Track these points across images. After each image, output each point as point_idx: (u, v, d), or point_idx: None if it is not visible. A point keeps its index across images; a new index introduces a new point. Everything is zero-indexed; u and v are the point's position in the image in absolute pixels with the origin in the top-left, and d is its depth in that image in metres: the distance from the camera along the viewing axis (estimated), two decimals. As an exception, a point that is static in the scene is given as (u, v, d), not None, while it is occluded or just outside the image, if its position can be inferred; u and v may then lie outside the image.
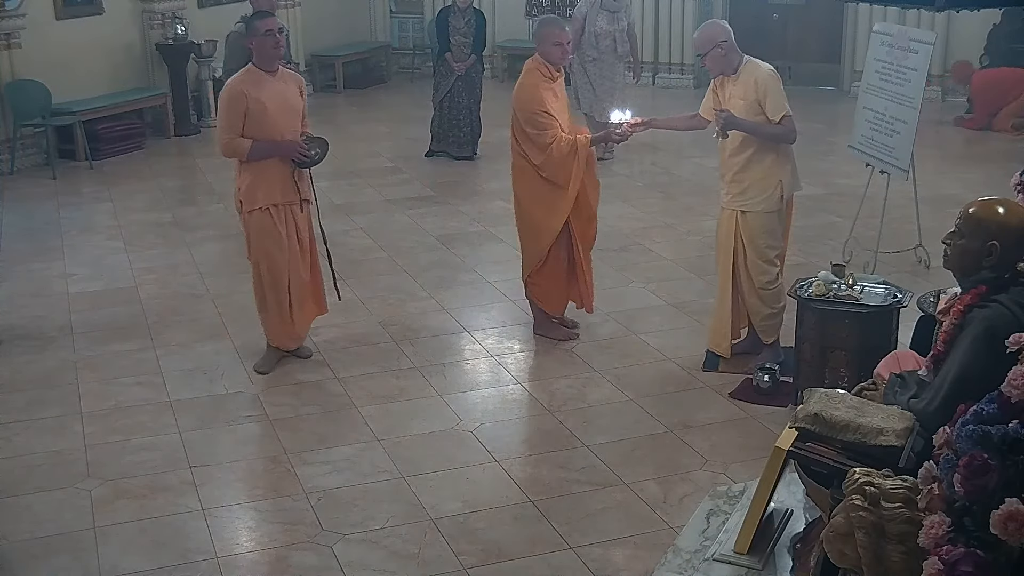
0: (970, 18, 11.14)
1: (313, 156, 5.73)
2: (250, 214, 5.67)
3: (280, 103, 5.63)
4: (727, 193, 5.60)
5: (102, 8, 11.33)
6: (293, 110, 5.71)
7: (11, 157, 10.30)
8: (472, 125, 10.55)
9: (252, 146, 5.56)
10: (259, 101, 5.54)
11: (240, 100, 5.53)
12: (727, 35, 5.50)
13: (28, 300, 7.00)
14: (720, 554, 3.23)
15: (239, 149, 5.58)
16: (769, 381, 5.49)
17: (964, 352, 3.08)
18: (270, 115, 5.57)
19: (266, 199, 5.65)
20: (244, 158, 5.61)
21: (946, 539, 2.35)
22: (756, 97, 5.42)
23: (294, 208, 5.75)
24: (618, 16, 10.21)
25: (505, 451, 5.00)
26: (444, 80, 10.46)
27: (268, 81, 5.61)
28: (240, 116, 5.53)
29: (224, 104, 5.60)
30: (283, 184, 5.69)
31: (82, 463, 4.94)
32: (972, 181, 9.37)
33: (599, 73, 10.27)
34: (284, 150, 5.64)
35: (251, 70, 5.64)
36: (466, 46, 10.35)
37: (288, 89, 5.72)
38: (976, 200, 3.26)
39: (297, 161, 5.68)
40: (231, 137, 5.57)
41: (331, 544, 4.29)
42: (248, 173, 5.66)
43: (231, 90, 5.58)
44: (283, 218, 5.71)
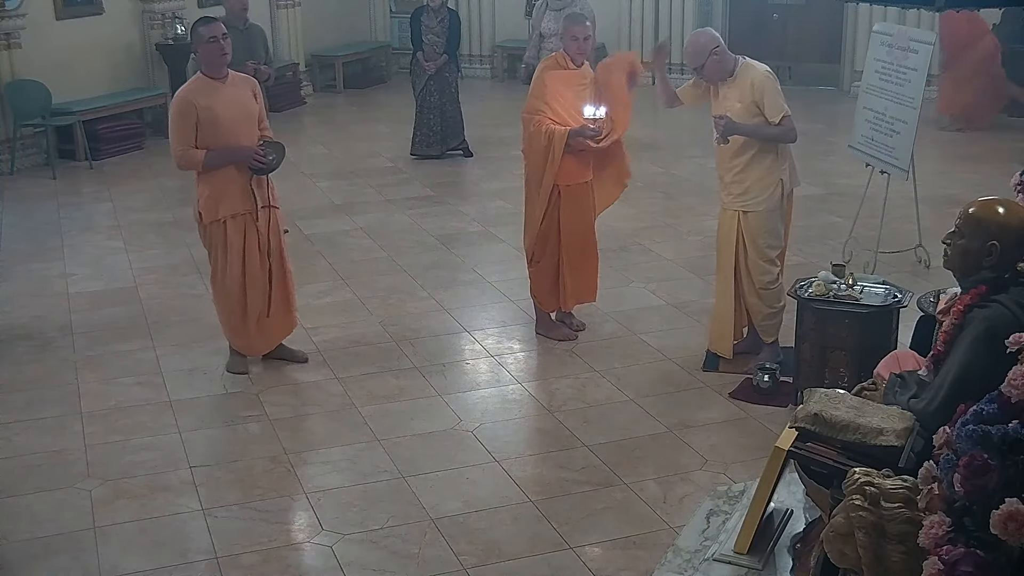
0: (970, 18, 11.12)
1: (270, 162, 5.63)
2: (209, 225, 5.60)
3: (233, 110, 5.54)
4: (728, 194, 5.60)
5: (102, 8, 11.33)
6: (248, 115, 5.62)
7: (11, 157, 10.30)
8: (444, 124, 10.53)
9: (206, 156, 5.48)
10: (209, 110, 5.45)
11: (190, 110, 5.44)
12: (717, 40, 5.49)
13: (28, 300, 7.00)
14: (720, 554, 3.22)
15: (193, 160, 5.50)
16: (769, 381, 5.49)
17: (964, 352, 3.08)
18: (223, 123, 5.48)
19: (226, 209, 5.57)
20: (200, 169, 5.53)
21: (946, 539, 2.35)
22: (753, 99, 5.41)
23: (253, 216, 5.64)
24: (562, 14, 10.07)
25: (505, 451, 5.00)
26: (418, 80, 10.47)
27: (218, 88, 5.53)
28: (191, 127, 5.45)
29: (173, 116, 5.51)
30: (242, 193, 5.60)
31: (82, 463, 4.94)
32: (972, 181, 9.37)
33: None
34: (239, 156, 5.54)
35: (200, 78, 5.57)
36: (438, 45, 10.33)
37: (241, 94, 5.63)
38: (976, 200, 3.26)
39: (253, 167, 5.59)
40: (184, 149, 5.48)
41: (331, 544, 4.29)
42: (206, 184, 5.56)
43: (179, 101, 5.50)
44: (241, 228, 5.63)
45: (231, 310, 5.75)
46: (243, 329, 5.79)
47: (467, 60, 14.91)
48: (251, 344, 5.86)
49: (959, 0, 5.25)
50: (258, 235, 5.68)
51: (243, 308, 5.74)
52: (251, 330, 5.80)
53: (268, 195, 5.73)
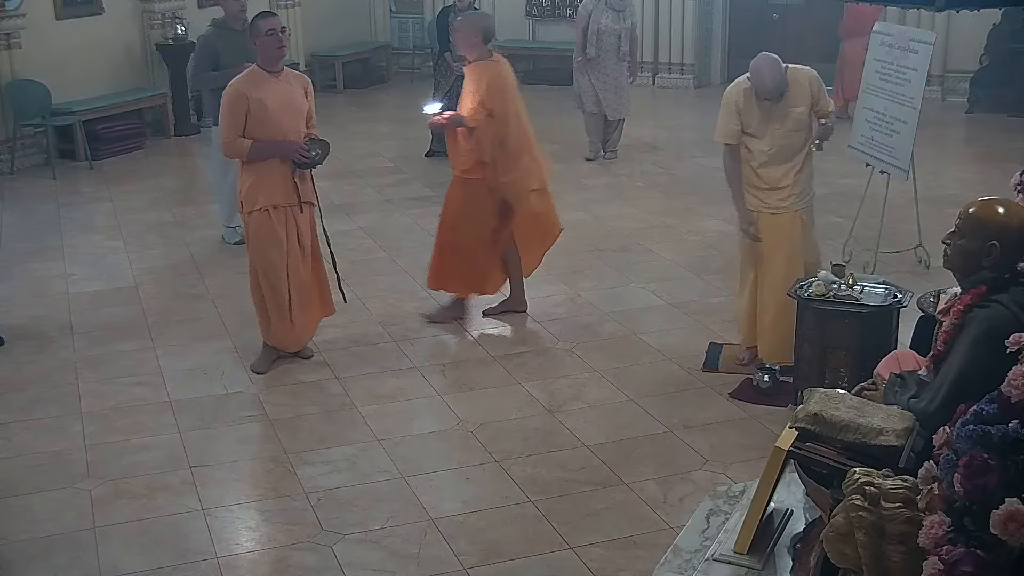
0: (970, 18, 11.12)
1: (313, 157, 5.71)
2: (250, 214, 5.66)
3: (282, 104, 5.61)
4: (788, 195, 5.49)
5: (102, 8, 11.33)
6: (296, 111, 5.69)
7: (11, 157, 10.30)
8: None
9: (252, 147, 5.55)
10: (260, 102, 5.52)
11: (241, 101, 5.52)
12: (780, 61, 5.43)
13: (28, 300, 7.00)
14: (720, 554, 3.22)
15: (239, 149, 5.58)
16: (769, 381, 5.49)
17: (964, 352, 3.08)
18: (272, 116, 5.55)
19: (266, 200, 5.63)
20: (245, 158, 5.61)
21: (946, 539, 2.35)
22: (811, 99, 5.44)
23: (294, 209, 5.73)
24: (623, 15, 10.20)
25: (505, 451, 5.00)
26: (444, 79, 10.46)
27: (271, 82, 5.60)
28: (241, 116, 5.52)
29: (225, 105, 5.59)
30: (284, 185, 5.67)
31: (82, 463, 4.94)
32: (972, 181, 9.38)
33: (601, 72, 10.26)
34: (284, 151, 5.63)
35: (254, 70, 5.63)
36: None
37: (292, 90, 5.71)
38: (976, 200, 3.25)
39: (297, 162, 5.66)
40: (232, 137, 5.56)
41: (331, 544, 4.29)
42: (250, 174, 5.65)
43: (232, 90, 5.57)
44: (283, 220, 5.69)
45: (274, 302, 5.76)
46: (288, 322, 5.81)
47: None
48: (294, 335, 5.88)
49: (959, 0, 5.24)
50: (298, 230, 5.73)
51: (287, 301, 5.76)
52: (296, 323, 5.83)
53: (311, 191, 5.80)
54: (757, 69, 5.37)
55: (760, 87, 5.37)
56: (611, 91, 10.28)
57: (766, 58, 5.39)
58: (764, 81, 5.34)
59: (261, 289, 5.78)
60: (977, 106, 12.34)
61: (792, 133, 5.46)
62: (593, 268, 7.48)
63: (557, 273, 7.34)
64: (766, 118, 5.43)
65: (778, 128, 5.43)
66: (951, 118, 12.12)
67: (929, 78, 7.88)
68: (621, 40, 10.19)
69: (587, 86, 10.34)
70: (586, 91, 10.37)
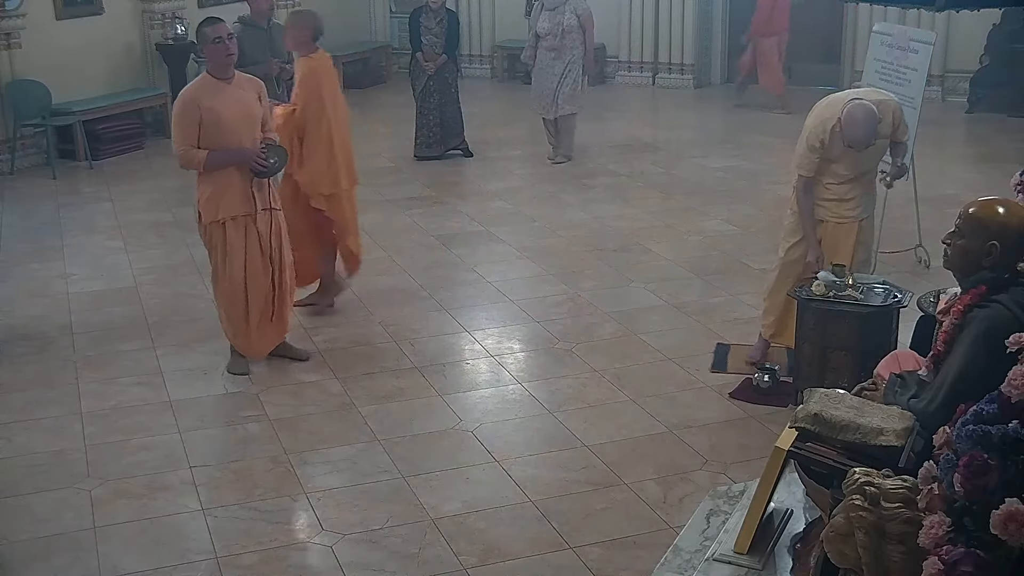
0: (970, 18, 11.13)
1: (272, 165, 5.63)
2: (209, 226, 5.60)
3: (236, 111, 5.53)
4: (856, 206, 5.47)
5: (102, 8, 11.33)
6: (251, 117, 5.61)
7: (11, 157, 10.30)
8: (444, 124, 10.53)
9: (208, 156, 5.47)
10: (212, 110, 5.45)
11: (193, 110, 5.44)
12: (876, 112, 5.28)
13: (28, 300, 7.00)
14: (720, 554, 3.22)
15: (195, 160, 5.49)
16: (769, 381, 5.49)
17: (964, 352, 3.08)
18: (225, 123, 5.48)
19: (226, 211, 5.56)
20: (200, 169, 5.52)
21: (946, 539, 2.35)
22: (892, 129, 5.41)
23: (255, 217, 5.64)
24: (556, 13, 10.11)
25: (505, 451, 5.00)
26: (418, 80, 10.48)
27: (223, 89, 5.53)
28: (194, 126, 5.44)
29: (177, 114, 5.51)
30: (243, 194, 5.60)
31: (82, 463, 4.94)
32: (972, 181, 9.37)
33: (536, 73, 10.29)
34: (241, 158, 5.54)
35: (205, 78, 5.57)
36: (437, 46, 10.33)
37: (246, 96, 5.62)
38: (976, 200, 3.25)
39: (254, 170, 5.58)
40: (186, 148, 5.48)
41: (331, 544, 4.29)
42: (207, 184, 5.56)
43: (183, 100, 5.50)
44: (242, 230, 5.62)
45: (232, 311, 5.75)
46: (244, 331, 5.79)
47: (467, 60, 14.91)
48: (251, 346, 5.86)
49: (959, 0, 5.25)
50: (259, 237, 5.67)
51: (244, 310, 5.73)
52: (252, 332, 5.80)
53: (269, 198, 5.72)
54: (853, 120, 5.19)
55: (851, 138, 5.23)
56: (542, 89, 10.25)
57: (864, 111, 5.19)
58: (856, 134, 5.21)
59: (221, 295, 5.75)
60: (977, 106, 12.34)
61: (871, 158, 5.46)
62: (593, 268, 7.48)
63: (557, 273, 7.35)
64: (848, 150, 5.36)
65: (858, 156, 5.36)
66: (951, 118, 12.11)
67: (929, 78, 7.87)
68: (558, 36, 10.09)
69: (532, 90, 10.42)
70: (532, 95, 10.45)
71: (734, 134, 11.65)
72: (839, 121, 5.23)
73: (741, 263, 7.52)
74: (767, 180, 9.63)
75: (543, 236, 8.22)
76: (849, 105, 5.22)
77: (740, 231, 8.24)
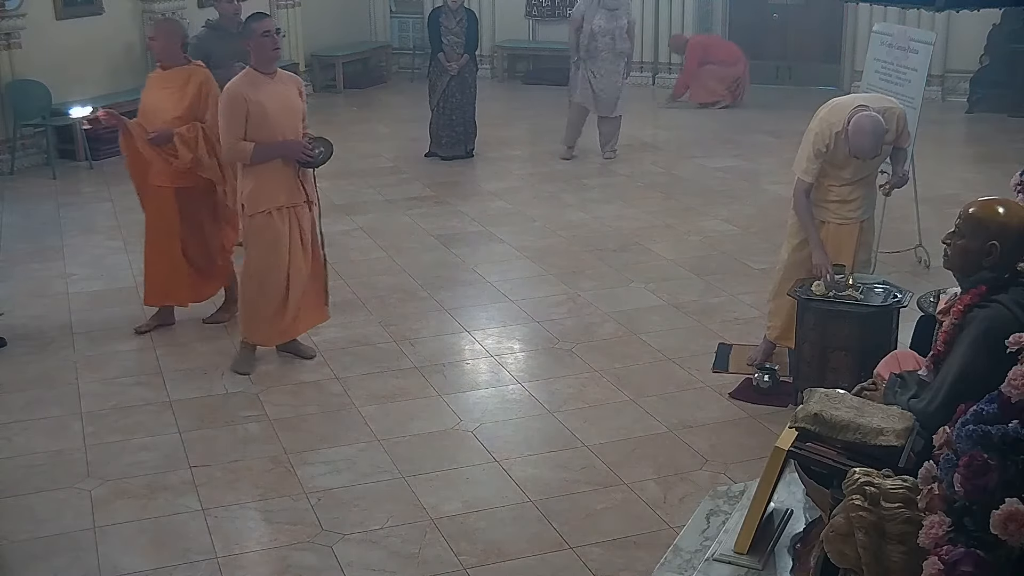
0: (970, 18, 11.14)
1: (318, 156, 5.70)
2: (251, 217, 5.64)
3: (280, 105, 5.60)
4: (858, 207, 5.46)
5: (102, 8, 11.33)
6: (293, 111, 5.68)
7: (11, 157, 10.30)
8: (465, 124, 10.56)
9: (255, 149, 5.52)
10: (259, 103, 5.50)
11: (240, 103, 5.49)
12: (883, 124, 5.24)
13: (28, 300, 7.00)
14: (720, 554, 3.22)
15: (242, 153, 5.54)
16: (769, 381, 5.49)
17: (964, 352, 3.08)
18: (271, 117, 5.54)
19: (269, 202, 5.62)
20: (248, 161, 5.57)
21: (946, 539, 2.35)
22: (895, 135, 5.39)
23: (298, 209, 5.72)
24: (617, 14, 10.21)
25: (505, 451, 5.00)
26: (439, 80, 10.48)
27: (267, 83, 5.58)
28: (241, 119, 5.49)
29: (224, 108, 5.55)
30: (288, 186, 5.66)
31: (82, 463, 4.94)
32: (972, 181, 9.38)
33: (597, 70, 10.28)
34: (288, 151, 5.61)
35: (249, 72, 5.60)
36: (458, 46, 10.36)
37: (288, 90, 5.69)
38: (976, 200, 3.25)
39: (301, 161, 5.65)
40: (233, 141, 5.52)
41: (331, 544, 4.29)
42: (251, 177, 5.61)
43: (230, 94, 5.53)
44: (286, 220, 5.68)
45: (263, 302, 5.74)
46: (274, 320, 5.79)
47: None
48: (273, 335, 5.88)
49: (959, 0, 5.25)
50: (300, 230, 5.73)
51: (283, 300, 5.76)
52: (284, 320, 5.82)
53: (314, 191, 5.81)
54: (860, 131, 5.15)
55: (858, 149, 5.20)
56: (606, 89, 10.29)
57: (872, 122, 5.14)
58: (863, 146, 5.18)
59: (254, 288, 5.76)
60: (977, 106, 12.35)
61: (874, 162, 5.43)
62: (593, 268, 7.48)
63: (557, 273, 7.35)
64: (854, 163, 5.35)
65: (862, 161, 5.33)
66: (951, 118, 12.12)
67: (929, 78, 7.88)
68: (615, 39, 10.19)
69: (582, 80, 10.38)
70: (579, 85, 10.43)
71: (734, 134, 11.65)
72: (845, 129, 5.20)
73: (741, 263, 7.52)
74: (767, 180, 9.63)
75: (543, 236, 8.22)
76: (856, 115, 5.17)
77: (740, 231, 8.24)
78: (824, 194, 5.46)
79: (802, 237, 5.54)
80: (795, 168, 5.49)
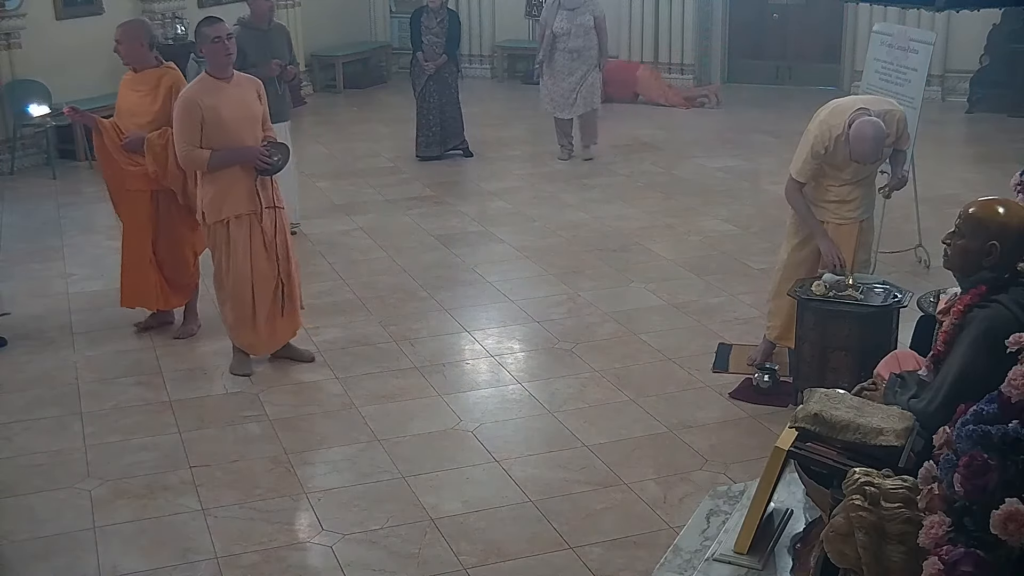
0: (970, 18, 11.13)
1: (275, 162, 5.63)
2: (213, 227, 5.60)
3: (237, 110, 5.54)
4: (857, 207, 5.45)
5: (102, 8, 11.31)
6: (252, 116, 5.62)
7: (11, 157, 10.30)
8: (444, 125, 10.53)
9: (211, 156, 5.47)
10: (214, 109, 5.45)
11: (194, 110, 5.44)
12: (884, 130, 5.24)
13: (28, 300, 7.00)
14: (720, 554, 3.22)
15: (198, 160, 5.49)
16: (769, 381, 5.49)
17: (964, 352, 3.08)
18: (226, 123, 5.48)
19: (230, 209, 5.57)
20: (204, 169, 5.52)
21: (946, 539, 2.35)
22: (895, 138, 5.38)
23: (260, 215, 5.64)
24: (577, 12, 10.15)
25: (505, 451, 5.00)
26: (418, 80, 10.48)
27: (223, 88, 5.53)
28: (196, 126, 5.44)
29: (178, 115, 5.50)
30: (247, 193, 5.60)
31: (82, 463, 4.94)
32: (972, 181, 9.38)
33: (552, 72, 10.29)
34: (244, 157, 5.55)
35: (204, 78, 5.56)
36: (437, 46, 10.33)
37: (245, 94, 5.63)
38: (976, 200, 3.25)
39: (259, 168, 5.59)
40: (189, 149, 5.47)
41: (331, 544, 4.29)
42: (210, 184, 5.56)
43: (183, 100, 5.49)
44: (246, 228, 5.63)
45: (238, 310, 5.74)
46: (251, 328, 5.78)
47: (467, 60, 14.89)
48: (258, 343, 5.86)
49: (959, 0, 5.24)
50: (263, 235, 5.68)
51: (251, 308, 5.74)
52: (260, 330, 5.80)
53: (272, 196, 5.73)
54: (862, 137, 5.12)
55: (859, 154, 5.18)
56: (564, 90, 10.26)
57: (874, 129, 5.13)
58: (865, 152, 5.17)
59: (223, 294, 5.75)
60: (977, 106, 12.34)
61: (873, 164, 5.42)
62: (593, 268, 7.48)
63: (557, 273, 7.35)
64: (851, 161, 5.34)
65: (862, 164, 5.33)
66: (951, 118, 12.11)
67: (929, 78, 7.88)
68: (574, 37, 10.12)
69: (545, 89, 10.40)
70: (544, 94, 10.44)
71: (734, 134, 11.65)
72: (845, 132, 5.19)
73: (741, 263, 7.52)
74: (767, 180, 9.62)
75: (543, 236, 8.22)
76: (857, 121, 5.15)
77: (740, 231, 8.24)
78: (823, 194, 5.46)
79: (801, 237, 5.54)
80: (791, 167, 5.49)
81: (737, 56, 14.40)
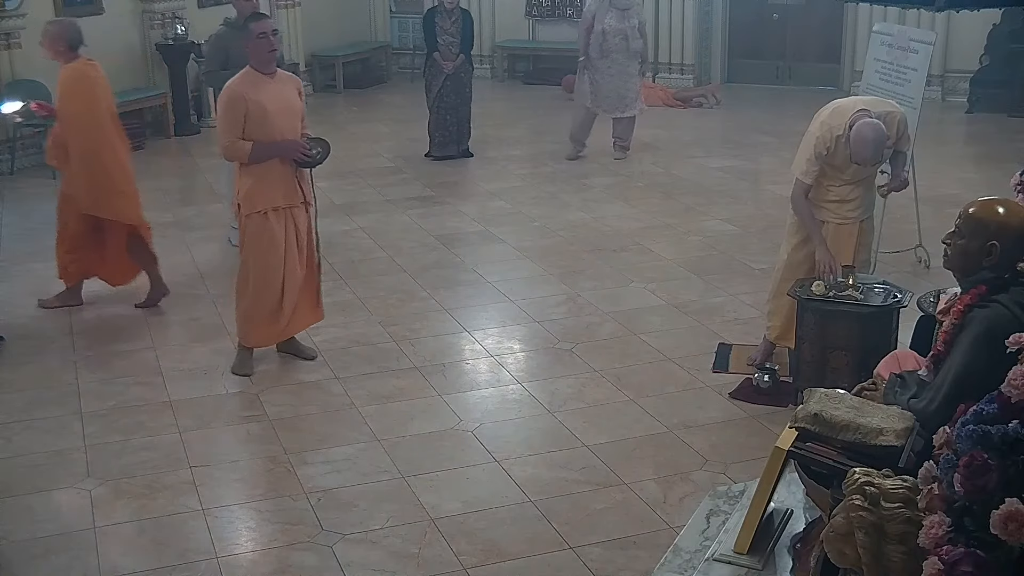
0: (970, 18, 11.15)
1: (315, 156, 5.71)
2: (248, 217, 5.65)
3: (279, 105, 5.61)
4: (857, 207, 5.44)
5: (102, 8, 11.32)
6: (293, 111, 5.70)
7: (11, 157, 10.29)
8: (459, 124, 10.56)
9: (253, 148, 5.54)
10: (258, 103, 5.52)
11: (239, 102, 5.51)
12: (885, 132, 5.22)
13: (28, 300, 7.00)
14: (720, 554, 3.22)
15: (240, 152, 5.56)
16: (769, 381, 5.49)
17: (964, 352, 3.08)
18: (270, 117, 5.55)
19: (266, 202, 5.62)
20: (246, 160, 5.58)
21: (946, 539, 2.34)
22: (895, 139, 5.37)
23: (294, 210, 5.73)
24: (628, 14, 10.21)
25: (505, 451, 5.00)
26: (434, 80, 10.47)
27: (266, 83, 5.60)
28: (240, 119, 5.52)
29: (223, 107, 5.58)
30: (285, 186, 5.67)
31: (82, 463, 4.94)
32: (972, 181, 9.38)
33: (607, 70, 10.28)
34: (286, 150, 5.62)
35: (249, 72, 5.62)
36: (454, 46, 10.35)
37: (287, 90, 5.71)
38: (976, 200, 3.25)
39: (299, 161, 5.66)
40: (232, 140, 5.55)
41: (331, 544, 4.29)
42: (249, 176, 5.62)
43: (230, 93, 5.56)
44: (282, 221, 5.68)
45: (259, 303, 5.75)
46: (271, 322, 5.79)
47: (467, 60, 14.91)
48: (272, 335, 5.88)
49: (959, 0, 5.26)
50: (296, 230, 5.73)
51: (278, 300, 5.76)
52: (280, 322, 5.81)
53: (311, 191, 5.82)
54: (862, 140, 5.11)
55: (859, 156, 5.17)
56: (617, 89, 10.29)
57: (875, 131, 5.11)
58: (865, 154, 5.15)
59: (250, 288, 5.76)
60: (977, 106, 12.35)
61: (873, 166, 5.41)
62: (593, 268, 7.48)
63: (557, 273, 7.35)
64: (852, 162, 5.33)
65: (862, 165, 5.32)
66: (951, 118, 12.12)
67: (929, 78, 7.87)
68: (627, 38, 10.19)
69: (587, 84, 10.37)
70: (585, 89, 10.41)
71: (734, 134, 11.65)
72: (846, 134, 5.18)
73: (741, 263, 7.52)
74: (767, 180, 9.63)
75: (543, 236, 8.22)
76: (858, 122, 5.14)
77: (740, 231, 8.24)
78: (823, 194, 5.45)
79: (801, 237, 5.53)
80: (794, 169, 5.48)
81: (737, 56, 14.41)
